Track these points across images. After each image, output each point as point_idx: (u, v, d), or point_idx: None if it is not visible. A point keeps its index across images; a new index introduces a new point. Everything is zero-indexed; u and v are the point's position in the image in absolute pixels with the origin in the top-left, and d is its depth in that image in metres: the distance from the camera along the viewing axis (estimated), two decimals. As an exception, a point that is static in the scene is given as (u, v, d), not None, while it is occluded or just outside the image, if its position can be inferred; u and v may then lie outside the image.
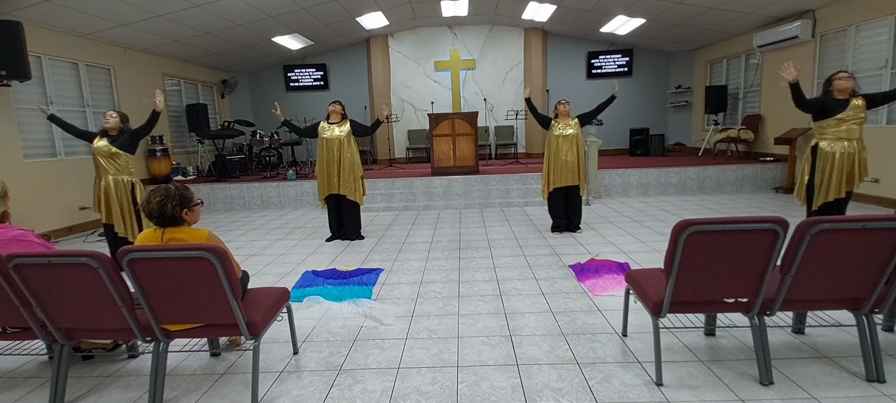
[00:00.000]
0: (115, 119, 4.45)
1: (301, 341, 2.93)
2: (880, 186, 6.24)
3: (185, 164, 9.52)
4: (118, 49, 7.79)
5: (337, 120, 5.32)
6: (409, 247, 5.16)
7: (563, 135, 5.24)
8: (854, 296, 2.26)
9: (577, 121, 5.34)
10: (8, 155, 5.89)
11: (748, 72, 9.12)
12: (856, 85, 3.90)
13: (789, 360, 2.47)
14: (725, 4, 7.44)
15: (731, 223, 2.04)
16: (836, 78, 3.88)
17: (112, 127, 4.43)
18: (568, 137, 5.23)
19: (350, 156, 5.29)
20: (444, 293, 3.69)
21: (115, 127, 4.44)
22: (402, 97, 11.20)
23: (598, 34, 10.32)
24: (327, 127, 5.29)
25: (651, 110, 11.30)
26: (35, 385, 2.54)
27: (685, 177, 7.94)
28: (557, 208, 5.47)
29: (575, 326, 2.99)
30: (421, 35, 10.95)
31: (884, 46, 6.22)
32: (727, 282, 2.20)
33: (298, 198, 8.13)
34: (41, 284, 2.09)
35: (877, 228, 2.02)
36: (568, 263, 4.32)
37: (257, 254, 5.15)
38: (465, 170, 7.92)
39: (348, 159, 5.29)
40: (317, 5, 7.86)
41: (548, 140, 5.38)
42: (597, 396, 2.23)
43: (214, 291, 2.09)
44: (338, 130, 5.26)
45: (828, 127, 3.93)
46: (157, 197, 2.23)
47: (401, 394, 2.31)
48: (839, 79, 3.85)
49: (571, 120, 5.32)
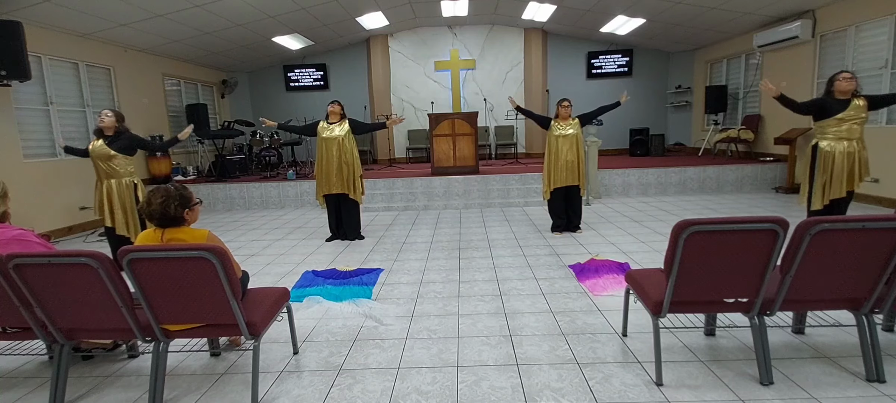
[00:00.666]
0: (111, 118, 4.30)
1: (301, 341, 2.93)
2: (880, 186, 6.24)
3: (185, 164, 9.53)
4: (118, 49, 7.79)
5: (336, 120, 5.32)
6: (409, 247, 5.16)
7: (563, 135, 5.24)
8: (854, 296, 2.26)
9: (577, 121, 5.33)
10: (8, 155, 5.89)
11: (748, 73, 9.12)
12: (858, 85, 3.90)
13: (789, 360, 2.47)
14: (725, 4, 7.44)
15: (731, 223, 2.04)
16: (837, 78, 3.87)
17: (108, 126, 4.29)
18: (567, 137, 5.23)
19: (349, 156, 5.29)
20: (444, 293, 3.69)
21: (111, 126, 4.30)
22: (402, 97, 11.20)
23: (598, 34, 10.32)
24: (326, 127, 5.29)
25: (651, 110, 11.30)
26: (35, 385, 2.54)
27: (685, 177, 7.94)
28: (557, 208, 5.47)
29: (575, 326, 2.99)
30: (421, 35, 10.95)
31: (884, 46, 6.22)
32: (727, 282, 2.20)
33: (298, 197, 8.13)
34: (41, 284, 2.09)
35: (877, 228, 2.02)
36: (568, 263, 4.32)
37: (257, 254, 5.15)
38: (465, 170, 7.92)
39: (348, 159, 5.28)
40: (317, 5, 7.86)
41: (548, 140, 5.38)
42: (597, 396, 2.23)
43: (214, 291, 2.09)
44: (337, 130, 5.26)
45: (828, 126, 3.93)
46: (159, 198, 2.22)
47: (401, 394, 2.31)
48: (840, 80, 3.84)
49: (572, 120, 5.32)
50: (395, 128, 11.00)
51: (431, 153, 8.03)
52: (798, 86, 7.57)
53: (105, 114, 4.33)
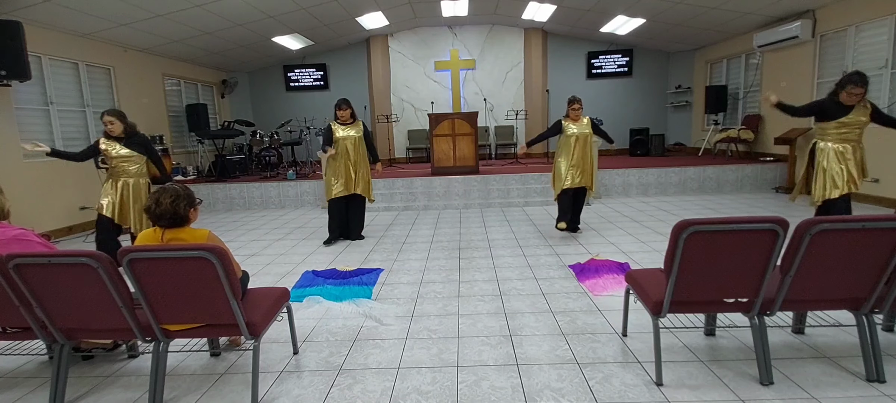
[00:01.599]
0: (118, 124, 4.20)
1: (301, 341, 2.93)
2: (880, 186, 6.24)
3: (185, 164, 9.52)
4: (118, 49, 7.79)
5: (348, 121, 5.32)
6: (409, 247, 5.16)
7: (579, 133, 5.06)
8: (854, 296, 2.26)
9: (588, 121, 5.18)
10: (8, 155, 5.88)
11: (748, 73, 9.12)
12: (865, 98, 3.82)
13: (789, 360, 2.47)
14: (725, 4, 7.44)
15: (731, 223, 2.04)
16: (846, 89, 3.75)
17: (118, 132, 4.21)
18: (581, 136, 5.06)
19: (364, 156, 5.41)
20: (444, 293, 3.69)
21: (120, 130, 4.22)
22: (402, 97, 11.20)
23: (598, 34, 10.32)
24: (340, 127, 5.30)
25: (651, 110, 11.29)
26: (35, 385, 2.54)
27: (685, 177, 7.94)
28: (566, 205, 5.18)
29: (575, 326, 2.99)
30: (421, 35, 10.95)
31: (884, 46, 6.22)
32: (727, 282, 2.20)
33: (298, 197, 8.13)
34: (41, 284, 2.09)
35: (877, 228, 2.02)
36: (568, 263, 4.32)
37: (257, 254, 5.14)
38: (465, 170, 7.92)
39: (363, 157, 5.39)
40: (317, 5, 7.86)
41: (562, 141, 5.18)
42: (597, 396, 2.23)
43: (214, 291, 2.08)
44: (352, 131, 5.30)
45: (829, 128, 3.94)
46: (169, 198, 2.22)
47: (401, 394, 2.31)
48: (848, 92, 3.73)
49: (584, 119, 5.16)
50: (395, 128, 11.04)
51: (431, 153, 8.03)
52: (798, 87, 7.58)
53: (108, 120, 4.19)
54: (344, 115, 5.29)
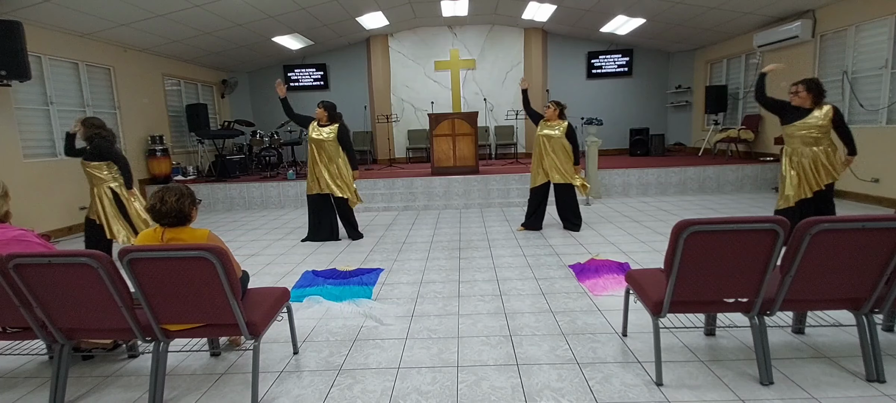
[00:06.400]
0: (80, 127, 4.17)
1: (301, 341, 2.93)
2: (880, 186, 6.23)
3: (185, 164, 9.52)
4: (118, 49, 7.78)
5: (325, 123, 5.34)
6: (409, 247, 5.16)
7: (544, 134, 5.36)
8: (854, 296, 2.26)
9: (566, 126, 5.32)
10: (8, 155, 5.88)
11: (748, 72, 9.11)
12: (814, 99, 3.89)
13: (789, 360, 2.47)
14: (725, 4, 7.44)
15: (731, 223, 2.04)
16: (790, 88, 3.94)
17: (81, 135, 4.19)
18: (551, 138, 5.31)
19: (336, 159, 5.32)
20: (444, 293, 3.69)
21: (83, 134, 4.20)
22: (402, 97, 11.20)
23: (598, 34, 10.32)
24: (315, 127, 5.35)
25: (651, 110, 11.29)
26: (35, 385, 2.54)
27: (685, 177, 7.94)
28: (531, 206, 5.62)
29: (575, 326, 2.99)
30: (421, 35, 10.94)
31: (884, 46, 6.21)
32: (727, 282, 2.20)
33: (298, 197, 8.13)
34: (41, 284, 2.09)
35: (877, 228, 2.02)
36: (568, 263, 4.32)
37: (257, 254, 5.14)
38: (465, 170, 7.92)
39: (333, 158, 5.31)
40: (317, 5, 7.86)
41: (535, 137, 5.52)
42: (597, 396, 2.23)
43: (214, 291, 2.09)
44: (325, 132, 5.30)
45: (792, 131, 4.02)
46: (174, 197, 2.23)
47: (401, 394, 2.31)
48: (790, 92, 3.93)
49: (560, 122, 5.35)
50: (395, 128, 11.03)
51: (431, 153, 8.03)
52: (798, 86, 7.57)
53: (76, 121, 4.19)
54: (321, 116, 5.33)
